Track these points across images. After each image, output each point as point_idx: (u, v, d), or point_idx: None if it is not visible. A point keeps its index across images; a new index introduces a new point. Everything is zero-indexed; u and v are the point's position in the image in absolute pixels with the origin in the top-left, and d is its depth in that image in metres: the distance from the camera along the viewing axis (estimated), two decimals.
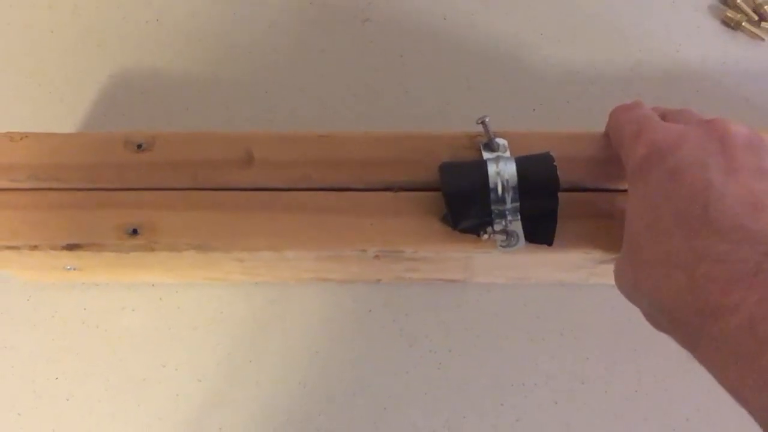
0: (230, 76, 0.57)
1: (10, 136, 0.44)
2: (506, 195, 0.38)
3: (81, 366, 0.49)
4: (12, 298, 0.51)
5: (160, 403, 0.48)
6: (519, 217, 0.39)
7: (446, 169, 0.40)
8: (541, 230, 0.40)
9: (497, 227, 0.39)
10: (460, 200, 0.39)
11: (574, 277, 0.47)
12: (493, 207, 0.39)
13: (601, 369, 0.48)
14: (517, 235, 0.39)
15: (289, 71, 0.56)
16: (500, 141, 0.41)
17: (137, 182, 0.43)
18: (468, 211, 0.39)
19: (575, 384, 0.47)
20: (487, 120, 0.40)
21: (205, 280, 0.49)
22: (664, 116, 0.38)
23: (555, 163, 0.39)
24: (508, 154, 0.41)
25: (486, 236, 0.39)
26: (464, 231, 0.40)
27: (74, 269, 0.46)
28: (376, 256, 0.42)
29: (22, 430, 0.47)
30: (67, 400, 0.48)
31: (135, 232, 0.42)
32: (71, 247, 0.42)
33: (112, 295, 0.50)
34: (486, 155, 0.41)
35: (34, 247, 0.42)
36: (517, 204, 0.39)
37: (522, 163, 0.39)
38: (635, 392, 0.47)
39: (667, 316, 0.32)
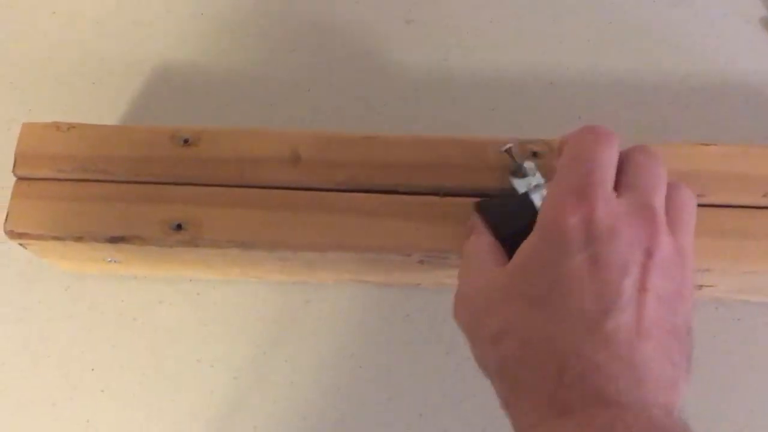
0: (273, 74, 0.56)
1: (57, 126, 0.44)
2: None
3: (117, 358, 0.49)
4: (50, 288, 0.51)
5: (193, 399, 0.47)
6: None
7: (490, 211, 0.38)
8: None
9: None
10: (518, 240, 0.36)
11: None
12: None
13: None
14: None
15: (331, 71, 0.56)
16: (528, 165, 0.40)
17: (183, 177, 0.43)
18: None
19: None
20: (512, 147, 0.40)
21: (243, 277, 0.49)
22: (621, 166, 0.34)
23: None
24: (539, 177, 0.40)
25: None
26: None
27: (115, 261, 0.46)
28: (420, 261, 0.42)
29: (57, 419, 0.47)
30: (102, 391, 0.48)
31: (179, 227, 0.42)
32: (115, 240, 0.42)
33: (149, 289, 0.50)
34: (516, 182, 0.40)
35: (79, 239, 0.43)
36: None
37: None
38: None
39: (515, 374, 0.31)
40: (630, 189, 0.33)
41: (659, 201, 0.33)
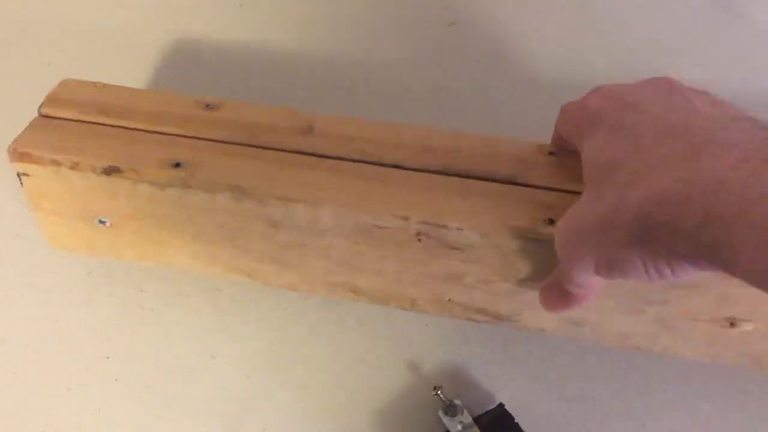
0: (308, 70, 0.55)
1: (94, 83, 0.47)
2: None
3: (132, 348, 0.48)
4: (71, 274, 0.51)
5: (205, 394, 0.47)
6: None
7: None
8: None
9: None
10: None
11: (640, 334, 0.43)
12: None
13: None
14: None
15: (372, 70, 0.55)
16: (457, 403, 0.43)
17: (197, 132, 0.44)
18: None
19: None
20: (440, 391, 0.43)
21: (225, 270, 0.47)
22: None
23: (510, 413, 0.42)
24: (467, 415, 0.42)
25: None
26: None
27: (104, 223, 0.45)
28: (419, 238, 0.40)
29: (70, 405, 0.47)
30: (116, 380, 0.48)
31: (177, 165, 0.42)
32: (110, 171, 0.42)
33: (170, 281, 0.50)
34: (446, 420, 0.43)
35: (75, 165, 0.42)
36: None
37: (486, 429, 0.42)
38: None
39: (667, 218, 0.28)
40: None
41: None
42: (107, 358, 0.48)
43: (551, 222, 0.38)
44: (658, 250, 0.29)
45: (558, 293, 0.38)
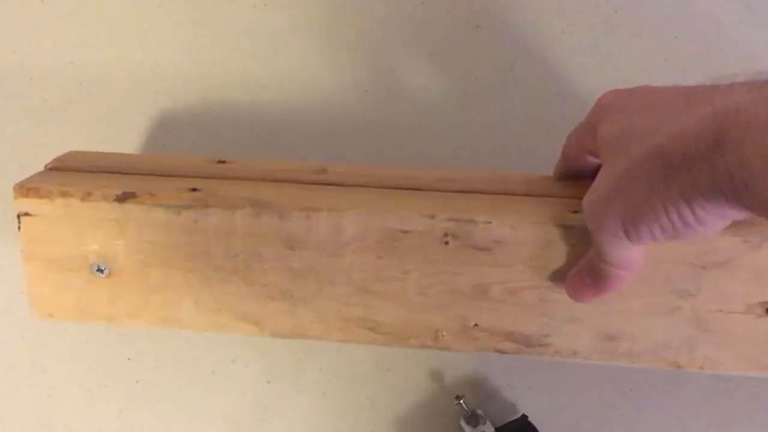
0: (331, 73, 0.53)
1: (102, 153, 0.47)
2: None
3: (153, 350, 0.48)
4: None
5: (225, 398, 0.47)
6: None
7: None
8: None
9: None
10: None
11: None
12: None
13: None
14: None
15: (393, 72, 0.53)
16: (480, 412, 0.43)
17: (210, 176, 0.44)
18: None
19: None
20: (463, 400, 0.44)
21: (229, 331, 0.44)
22: None
23: (533, 424, 0.43)
24: (490, 425, 0.43)
25: None
26: None
27: (102, 272, 0.43)
28: (446, 240, 0.39)
29: (90, 407, 0.47)
30: (137, 382, 0.48)
31: (194, 189, 0.41)
32: (124, 197, 0.41)
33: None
34: (468, 430, 0.43)
35: (87, 195, 0.41)
36: None
37: None
38: None
39: (680, 149, 0.29)
40: None
41: None
42: (129, 359, 0.48)
43: (576, 212, 0.39)
44: (677, 190, 0.30)
45: (589, 278, 0.38)
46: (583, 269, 0.38)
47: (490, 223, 0.39)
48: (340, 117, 0.52)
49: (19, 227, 0.42)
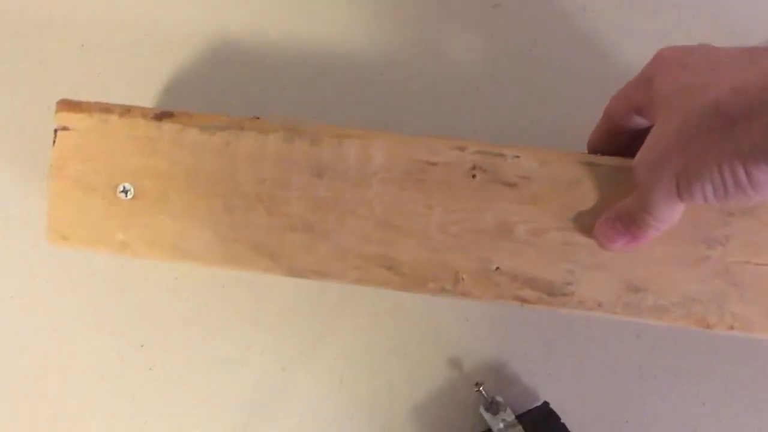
0: (344, 51, 0.52)
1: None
2: None
3: (167, 336, 0.48)
4: (106, 261, 0.49)
5: (240, 386, 0.47)
6: None
7: None
8: None
9: None
10: None
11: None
12: None
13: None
14: None
15: (407, 53, 0.52)
16: (500, 400, 0.43)
17: None
18: None
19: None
20: (482, 387, 0.43)
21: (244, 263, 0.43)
22: None
23: (555, 411, 0.42)
24: (510, 412, 0.42)
25: None
26: None
27: (126, 194, 0.42)
28: (473, 174, 0.40)
29: (103, 393, 0.47)
30: (150, 369, 0.47)
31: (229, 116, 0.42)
32: (161, 116, 0.42)
33: (205, 270, 0.48)
34: (488, 417, 0.43)
35: (126, 112, 0.42)
36: None
37: (530, 428, 0.41)
38: None
39: (739, 103, 0.29)
40: None
41: None
42: (142, 346, 0.48)
43: (604, 155, 0.39)
44: (734, 148, 0.29)
45: (623, 226, 0.37)
46: (617, 216, 0.37)
47: (518, 157, 0.40)
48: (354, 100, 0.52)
49: (54, 141, 0.43)
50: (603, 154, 0.40)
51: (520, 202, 0.40)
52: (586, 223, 0.39)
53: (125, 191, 0.42)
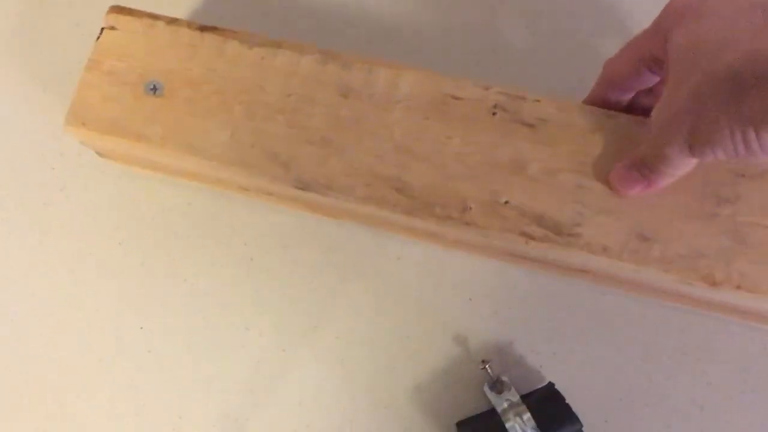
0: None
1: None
2: None
3: (165, 319, 0.47)
4: (102, 244, 0.49)
5: (240, 367, 0.45)
6: None
7: (468, 430, 0.42)
8: None
9: None
10: None
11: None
12: None
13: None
14: None
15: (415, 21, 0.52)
16: (504, 379, 0.42)
17: None
18: None
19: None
20: (489, 365, 0.42)
21: (256, 172, 0.42)
22: None
23: (560, 392, 0.41)
24: (515, 392, 0.41)
25: None
26: None
27: (155, 91, 0.43)
28: (494, 112, 0.41)
29: (102, 376, 0.46)
30: (149, 352, 0.46)
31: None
32: (205, 28, 0.44)
33: (202, 251, 0.48)
34: (492, 396, 0.42)
35: (173, 21, 0.44)
36: None
37: (535, 408, 0.40)
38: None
39: (754, 71, 0.29)
40: None
41: None
42: (141, 329, 0.47)
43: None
44: (747, 114, 0.30)
45: (638, 172, 0.38)
46: (633, 162, 0.38)
47: (539, 101, 0.41)
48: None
49: (98, 38, 0.45)
50: None
51: (536, 142, 0.41)
52: (599, 169, 0.40)
53: (154, 89, 0.44)
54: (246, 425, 0.44)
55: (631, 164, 0.38)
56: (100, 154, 0.49)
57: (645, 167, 0.37)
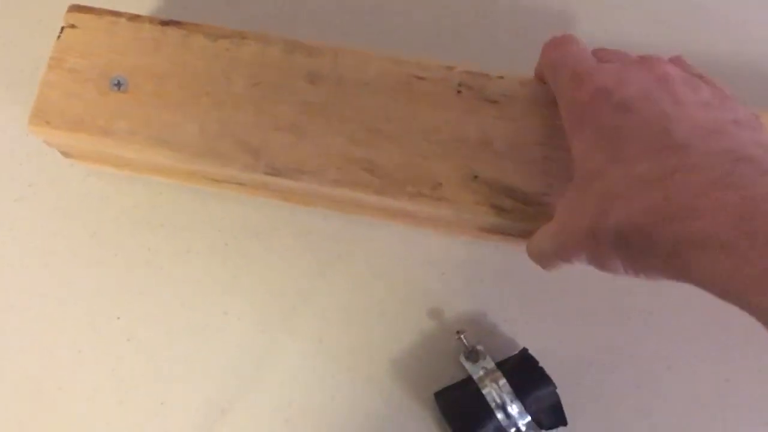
0: None
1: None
2: (511, 411, 0.40)
3: (143, 307, 0.47)
4: (75, 235, 0.49)
5: (220, 351, 0.46)
6: (529, 418, 0.41)
7: (446, 401, 0.42)
8: (552, 416, 0.42)
9: None
10: (472, 431, 0.41)
11: None
12: (504, 426, 0.40)
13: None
14: None
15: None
16: (480, 348, 0.43)
17: None
18: None
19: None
20: (464, 336, 0.43)
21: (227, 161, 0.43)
22: (596, 54, 0.39)
23: (534, 357, 0.42)
24: (489, 361, 0.42)
25: None
26: None
27: (119, 87, 0.43)
28: (459, 90, 0.42)
29: (83, 367, 0.46)
30: (128, 340, 0.46)
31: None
32: (168, 23, 0.44)
33: (177, 237, 0.48)
34: (468, 365, 0.42)
35: (135, 17, 0.44)
36: (523, 411, 0.40)
37: (510, 374, 0.41)
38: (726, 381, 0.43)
39: (641, 241, 0.30)
40: (615, 59, 0.37)
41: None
42: (118, 318, 0.47)
43: None
44: (636, 263, 0.32)
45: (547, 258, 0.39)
46: (541, 253, 0.39)
47: (502, 78, 0.42)
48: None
49: (58, 37, 0.44)
50: None
51: (501, 118, 0.42)
52: (564, 140, 0.41)
53: (119, 84, 0.43)
54: (229, 407, 0.45)
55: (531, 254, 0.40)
56: (65, 154, 0.48)
57: (543, 260, 0.39)
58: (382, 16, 0.53)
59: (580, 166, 0.35)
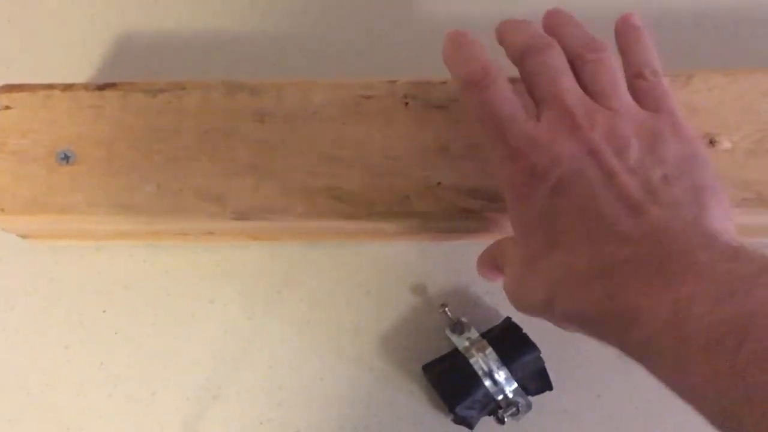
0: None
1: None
2: (498, 378, 0.41)
3: (128, 300, 0.47)
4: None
5: (209, 338, 0.46)
6: (516, 384, 0.41)
7: (434, 373, 0.43)
8: (538, 382, 0.43)
9: (508, 410, 0.41)
10: (462, 400, 0.41)
11: None
12: (492, 393, 0.41)
13: None
14: (525, 400, 0.42)
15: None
16: (464, 320, 0.43)
17: None
18: (472, 405, 0.42)
19: None
20: (448, 309, 0.44)
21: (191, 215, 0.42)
22: (545, 25, 0.38)
23: (517, 324, 0.43)
24: (474, 332, 0.43)
25: (505, 418, 0.42)
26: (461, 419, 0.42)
27: (67, 160, 0.42)
28: (405, 101, 0.42)
29: (70, 362, 0.46)
30: (115, 333, 0.47)
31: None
32: (104, 86, 0.43)
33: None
34: (453, 338, 0.43)
35: (68, 87, 0.43)
36: (510, 378, 0.41)
37: (495, 342, 0.42)
38: None
39: (593, 327, 0.31)
40: (540, 102, 0.35)
41: (570, 97, 0.34)
42: (104, 312, 0.47)
43: None
44: (594, 336, 0.32)
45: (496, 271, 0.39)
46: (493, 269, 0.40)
47: (445, 83, 0.43)
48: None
49: None
50: None
51: (452, 122, 0.42)
52: None
53: (66, 157, 0.43)
54: (220, 394, 0.46)
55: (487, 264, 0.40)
56: (24, 236, 0.47)
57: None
58: (314, 44, 0.53)
59: (522, 242, 0.35)
